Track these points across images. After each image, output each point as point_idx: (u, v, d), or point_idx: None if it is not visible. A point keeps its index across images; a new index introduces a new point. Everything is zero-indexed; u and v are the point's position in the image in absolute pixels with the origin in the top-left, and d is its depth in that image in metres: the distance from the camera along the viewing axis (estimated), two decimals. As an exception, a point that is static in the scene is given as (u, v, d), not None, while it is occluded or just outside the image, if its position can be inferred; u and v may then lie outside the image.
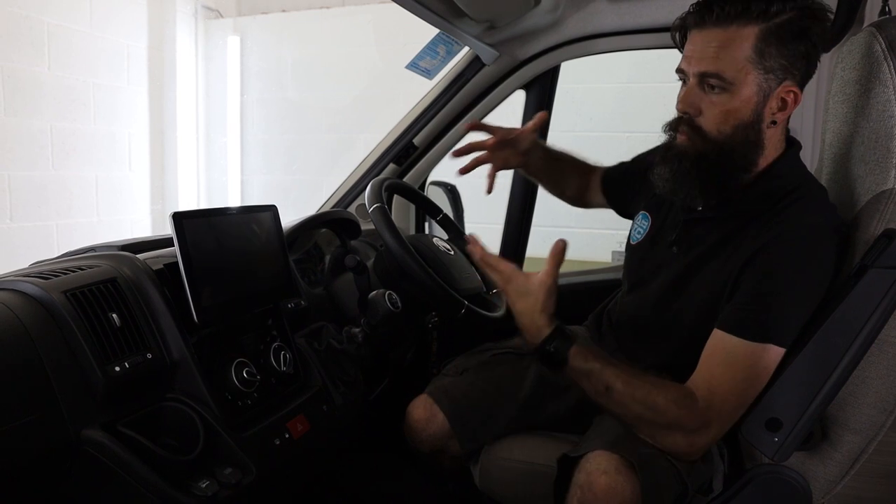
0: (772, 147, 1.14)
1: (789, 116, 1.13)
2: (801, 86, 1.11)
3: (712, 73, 1.08)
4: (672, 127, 1.16)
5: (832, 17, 1.11)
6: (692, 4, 1.12)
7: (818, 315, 1.03)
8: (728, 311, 1.09)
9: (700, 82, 1.10)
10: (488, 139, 1.42)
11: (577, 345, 1.13)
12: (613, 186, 1.53)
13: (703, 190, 1.14)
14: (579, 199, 1.61)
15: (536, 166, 1.53)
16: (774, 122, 1.11)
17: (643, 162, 1.46)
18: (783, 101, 1.10)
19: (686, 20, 1.13)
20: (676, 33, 1.17)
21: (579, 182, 1.58)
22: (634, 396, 1.07)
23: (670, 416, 1.06)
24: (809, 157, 1.67)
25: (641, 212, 1.36)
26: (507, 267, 1.19)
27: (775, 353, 1.04)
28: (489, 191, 1.41)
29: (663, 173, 1.18)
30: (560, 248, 1.16)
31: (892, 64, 1.03)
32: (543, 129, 2.02)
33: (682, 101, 1.12)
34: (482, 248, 1.22)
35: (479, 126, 1.44)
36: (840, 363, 0.98)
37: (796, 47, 1.06)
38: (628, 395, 1.08)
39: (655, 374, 1.14)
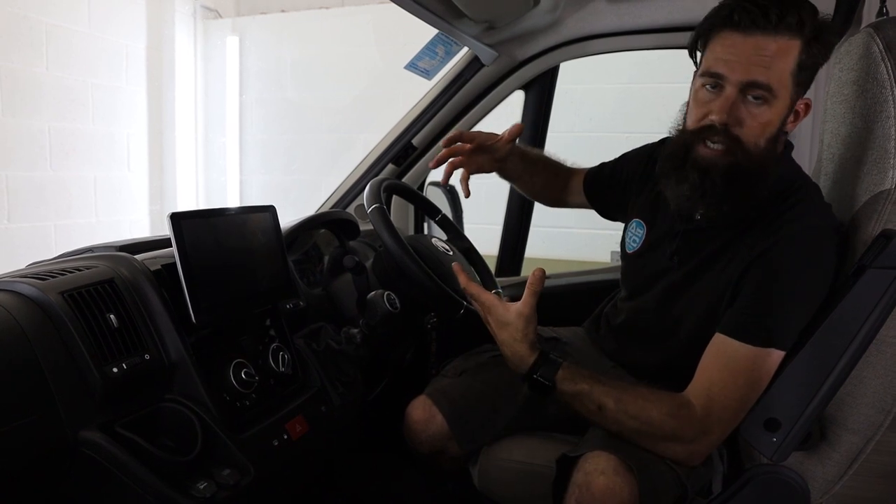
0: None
1: None
2: None
3: (763, 83, 1.03)
4: (694, 139, 1.10)
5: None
6: (732, 6, 1.03)
7: (817, 315, 1.03)
8: (730, 315, 1.09)
9: (742, 91, 1.04)
10: (465, 146, 1.39)
11: (564, 368, 1.13)
12: (596, 189, 1.52)
13: (729, 202, 1.10)
14: (556, 200, 1.61)
15: (513, 171, 1.51)
16: (786, 133, 1.12)
17: (628, 164, 1.45)
18: (797, 112, 1.10)
19: (729, 18, 1.03)
20: (703, 30, 1.09)
21: (556, 183, 1.58)
22: (628, 412, 1.07)
23: (667, 428, 1.06)
24: (808, 158, 1.67)
25: (635, 219, 1.36)
26: (489, 297, 1.19)
27: (776, 356, 1.04)
28: (466, 195, 1.39)
29: (683, 191, 1.12)
30: (538, 277, 1.14)
31: (889, 65, 1.03)
32: (541, 130, 2.03)
33: (723, 111, 1.04)
34: (466, 276, 1.22)
35: (456, 139, 1.40)
36: (838, 363, 0.98)
37: (822, 60, 1.06)
38: (621, 412, 1.07)
39: (648, 383, 1.14)
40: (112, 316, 0.97)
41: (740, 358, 1.05)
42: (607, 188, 1.49)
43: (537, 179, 1.57)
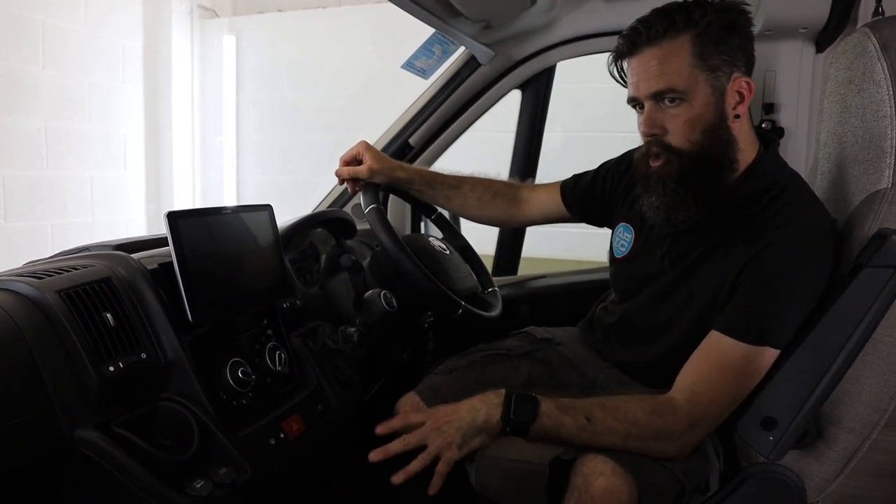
0: (745, 143, 1.15)
1: (750, 107, 1.15)
2: (749, 75, 1.13)
3: (663, 88, 1.10)
4: (645, 154, 1.17)
5: (748, 6, 1.13)
6: (619, 37, 1.15)
7: (813, 314, 1.04)
8: (725, 313, 1.10)
9: (655, 102, 1.12)
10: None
11: (538, 394, 1.12)
12: (576, 197, 1.50)
13: (697, 203, 1.13)
14: (510, 219, 1.61)
15: (426, 196, 1.56)
16: (738, 116, 1.13)
17: (608, 172, 1.45)
18: (739, 93, 1.12)
19: (620, 53, 1.16)
20: (617, 71, 1.20)
21: (497, 203, 1.57)
22: (616, 417, 1.07)
23: (654, 426, 1.06)
24: (804, 157, 1.67)
25: (622, 224, 1.36)
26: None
27: (770, 354, 1.05)
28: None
29: (652, 203, 1.18)
30: None
31: (885, 64, 1.04)
32: (538, 129, 2.03)
33: (645, 124, 1.13)
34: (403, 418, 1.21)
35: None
36: (835, 362, 0.99)
37: (730, 41, 1.10)
38: (609, 417, 1.07)
39: (643, 384, 1.14)
40: (109, 315, 0.97)
41: (733, 355, 1.05)
42: (589, 197, 1.47)
43: (468, 202, 1.57)
